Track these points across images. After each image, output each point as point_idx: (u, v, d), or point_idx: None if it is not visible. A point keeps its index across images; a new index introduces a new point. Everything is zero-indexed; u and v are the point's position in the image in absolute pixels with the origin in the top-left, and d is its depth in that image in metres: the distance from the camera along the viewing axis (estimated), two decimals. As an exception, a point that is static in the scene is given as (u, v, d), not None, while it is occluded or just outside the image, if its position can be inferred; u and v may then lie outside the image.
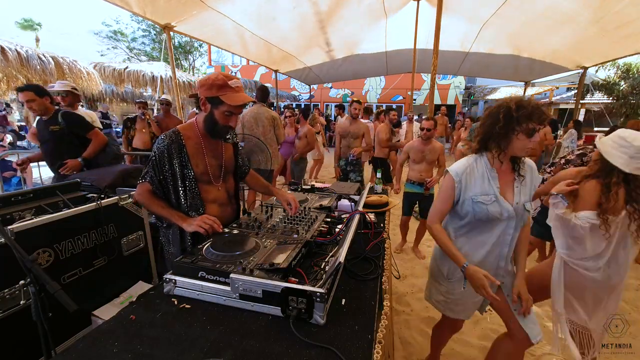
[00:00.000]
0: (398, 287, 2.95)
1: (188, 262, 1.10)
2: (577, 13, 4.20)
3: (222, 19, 4.28)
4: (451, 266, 1.57)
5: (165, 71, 7.80)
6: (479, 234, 1.51)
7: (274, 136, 4.01)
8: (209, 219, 1.33)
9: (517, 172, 1.47)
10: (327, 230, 1.53)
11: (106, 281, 1.77)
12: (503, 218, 1.43)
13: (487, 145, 1.45)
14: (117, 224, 1.86)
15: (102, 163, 2.77)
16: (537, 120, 1.32)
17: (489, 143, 1.44)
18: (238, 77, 1.47)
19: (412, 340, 2.28)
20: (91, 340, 0.87)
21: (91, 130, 2.74)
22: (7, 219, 1.61)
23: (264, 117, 3.89)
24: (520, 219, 1.48)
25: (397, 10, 5.50)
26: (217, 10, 4.02)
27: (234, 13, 4.28)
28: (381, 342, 0.91)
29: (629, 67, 12.01)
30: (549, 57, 6.17)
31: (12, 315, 1.35)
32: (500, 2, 4.48)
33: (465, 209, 1.48)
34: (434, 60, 3.78)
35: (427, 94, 16.83)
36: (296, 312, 0.93)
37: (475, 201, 1.44)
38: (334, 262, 1.04)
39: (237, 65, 19.50)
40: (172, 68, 4.54)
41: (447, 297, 1.66)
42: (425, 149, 3.36)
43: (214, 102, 1.38)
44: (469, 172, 1.47)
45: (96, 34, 21.56)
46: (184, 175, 1.43)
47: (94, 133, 2.74)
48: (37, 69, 4.92)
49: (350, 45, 6.96)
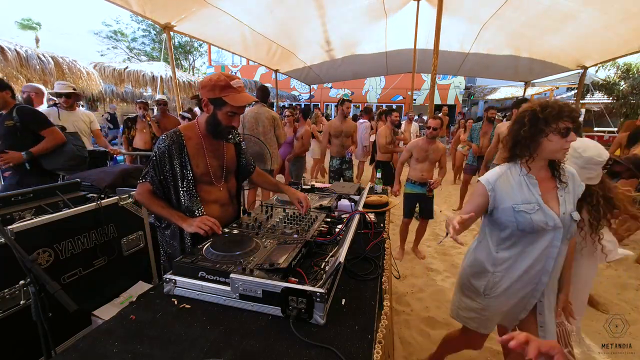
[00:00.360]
0: (398, 287, 2.95)
1: (188, 262, 1.10)
2: (579, 10, 4.19)
3: (221, 15, 4.26)
4: (489, 281, 1.47)
5: (165, 71, 7.80)
6: (523, 246, 1.40)
7: (274, 136, 4.01)
8: (209, 220, 1.33)
9: (558, 179, 1.37)
10: (327, 230, 1.53)
11: (106, 281, 1.77)
12: (549, 228, 1.32)
13: (517, 152, 1.38)
14: (117, 224, 1.86)
15: (56, 164, 2.64)
16: (569, 118, 1.24)
17: (517, 149, 1.37)
18: (238, 77, 1.46)
19: (412, 340, 2.28)
20: (91, 340, 0.87)
21: (47, 128, 2.60)
22: (7, 219, 1.61)
23: (264, 117, 3.90)
24: (568, 230, 1.35)
25: (397, 10, 5.50)
26: (216, 6, 4.01)
27: (233, 8, 4.26)
28: (381, 342, 0.91)
29: (629, 67, 12.00)
30: (549, 57, 6.17)
31: (12, 315, 1.36)
32: (499, 3, 4.48)
33: (506, 220, 1.37)
34: (434, 60, 3.79)
35: (427, 94, 16.84)
36: (296, 312, 0.93)
37: (517, 210, 1.33)
38: (334, 262, 1.04)
39: (237, 65, 19.51)
40: (172, 68, 4.55)
41: (482, 314, 1.54)
42: (430, 148, 3.33)
43: (216, 103, 1.38)
44: (504, 181, 1.38)
45: (96, 34, 21.59)
46: (184, 176, 1.43)
47: (50, 131, 2.61)
48: (36, 69, 4.92)
49: (350, 45, 6.96)
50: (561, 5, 4.15)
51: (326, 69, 8.29)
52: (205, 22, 4.29)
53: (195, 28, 4.39)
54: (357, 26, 5.92)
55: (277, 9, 4.63)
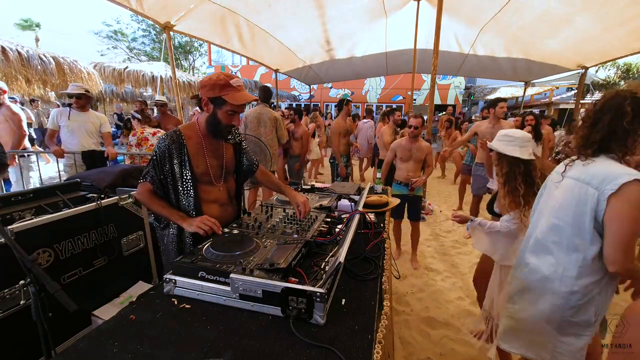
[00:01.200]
0: (398, 287, 2.95)
1: (188, 262, 1.10)
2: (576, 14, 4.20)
3: (219, 9, 4.24)
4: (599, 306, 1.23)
5: (165, 71, 7.81)
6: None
7: (276, 137, 4.01)
8: (209, 221, 1.33)
9: None
10: (327, 230, 1.52)
11: (106, 281, 1.77)
12: None
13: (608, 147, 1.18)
14: (117, 224, 1.86)
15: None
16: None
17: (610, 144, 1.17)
18: (238, 76, 1.46)
19: (412, 340, 2.28)
20: (91, 340, 0.87)
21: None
22: (7, 219, 1.62)
23: (267, 117, 3.90)
24: None
25: (397, 10, 5.50)
26: (213, 2, 4.00)
27: (231, 3, 4.25)
28: (381, 342, 0.91)
29: (629, 67, 12.03)
30: (549, 59, 6.19)
31: (12, 315, 1.36)
32: (498, 7, 4.49)
33: None
34: (434, 60, 3.79)
35: (427, 94, 16.83)
36: (296, 312, 0.93)
37: None
38: (334, 262, 1.04)
39: (237, 65, 19.50)
40: (172, 68, 4.55)
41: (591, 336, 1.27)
42: (413, 147, 3.30)
43: (216, 102, 1.38)
44: None
45: (96, 33, 21.59)
46: (183, 175, 1.43)
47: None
48: (37, 69, 4.93)
49: (350, 45, 6.96)
50: (557, 10, 4.17)
51: (326, 68, 8.29)
52: (204, 18, 4.28)
53: (194, 27, 4.39)
54: (357, 26, 5.92)
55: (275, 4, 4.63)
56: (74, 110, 3.51)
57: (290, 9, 4.78)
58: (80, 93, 3.50)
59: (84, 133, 3.54)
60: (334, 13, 5.12)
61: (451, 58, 7.09)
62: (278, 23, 5.34)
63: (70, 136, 3.50)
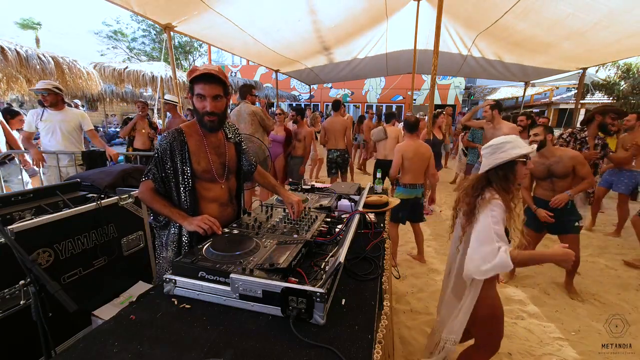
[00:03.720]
0: (398, 287, 2.95)
1: (188, 262, 1.10)
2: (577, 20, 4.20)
3: (225, 22, 4.28)
4: None
5: (165, 71, 7.80)
6: None
7: (258, 130, 3.99)
8: (209, 220, 1.33)
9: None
10: (327, 230, 1.53)
11: (106, 281, 1.77)
12: None
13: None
14: (117, 224, 1.86)
15: None
16: None
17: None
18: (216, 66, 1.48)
19: (412, 340, 2.28)
20: (91, 340, 0.87)
21: None
22: (7, 219, 1.61)
23: (245, 113, 3.94)
24: None
25: (397, 11, 5.51)
26: (218, 12, 4.01)
27: (235, 16, 4.27)
28: (381, 342, 0.91)
29: (629, 67, 12.01)
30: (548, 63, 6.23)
31: (12, 315, 1.35)
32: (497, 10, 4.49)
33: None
34: (434, 61, 3.78)
35: (427, 94, 16.84)
36: (296, 312, 0.93)
37: None
38: (334, 262, 1.04)
39: (237, 65, 19.50)
40: (172, 68, 4.55)
41: None
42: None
43: (191, 90, 1.41)
44: None
45: (96, 33, 21.61)
46: (183, 172, 1.43)
47: None
48: (36, 69, 4.92)
49: (351, 48, 6.99)
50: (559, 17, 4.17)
51: (327, 70, 8.32)
52: (205, 24, 4.29)
53: (196, 29, 4.40)
54: (357, 28, 5.93)
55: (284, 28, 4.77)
56: (48, 110, 3.30)
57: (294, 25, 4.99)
58: (47, 89, 3.20)
59: (63, 132, 3.34)
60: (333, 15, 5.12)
61: (451, 58, 7.09)
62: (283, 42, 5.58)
63: (46, 137, 3.32)
